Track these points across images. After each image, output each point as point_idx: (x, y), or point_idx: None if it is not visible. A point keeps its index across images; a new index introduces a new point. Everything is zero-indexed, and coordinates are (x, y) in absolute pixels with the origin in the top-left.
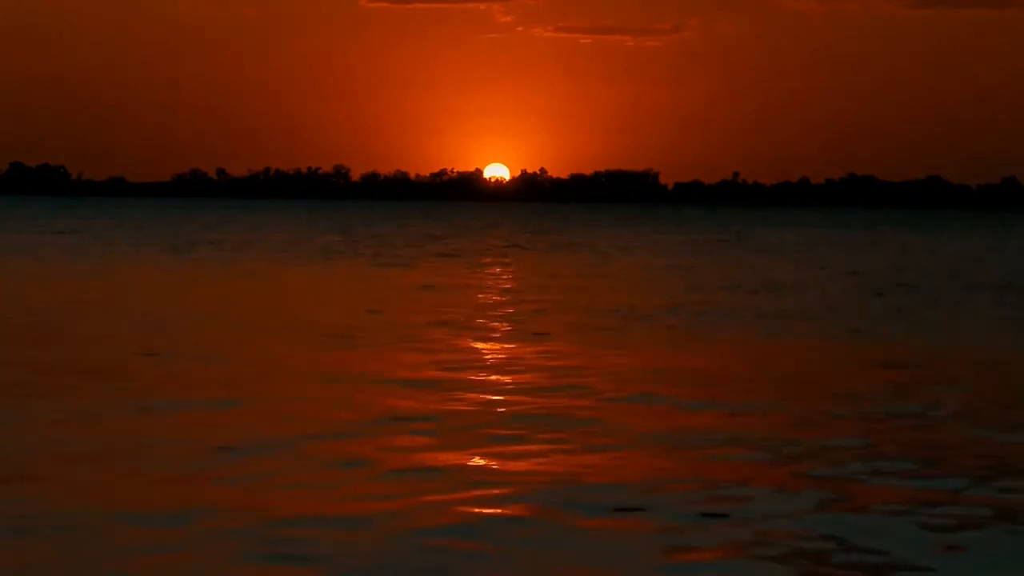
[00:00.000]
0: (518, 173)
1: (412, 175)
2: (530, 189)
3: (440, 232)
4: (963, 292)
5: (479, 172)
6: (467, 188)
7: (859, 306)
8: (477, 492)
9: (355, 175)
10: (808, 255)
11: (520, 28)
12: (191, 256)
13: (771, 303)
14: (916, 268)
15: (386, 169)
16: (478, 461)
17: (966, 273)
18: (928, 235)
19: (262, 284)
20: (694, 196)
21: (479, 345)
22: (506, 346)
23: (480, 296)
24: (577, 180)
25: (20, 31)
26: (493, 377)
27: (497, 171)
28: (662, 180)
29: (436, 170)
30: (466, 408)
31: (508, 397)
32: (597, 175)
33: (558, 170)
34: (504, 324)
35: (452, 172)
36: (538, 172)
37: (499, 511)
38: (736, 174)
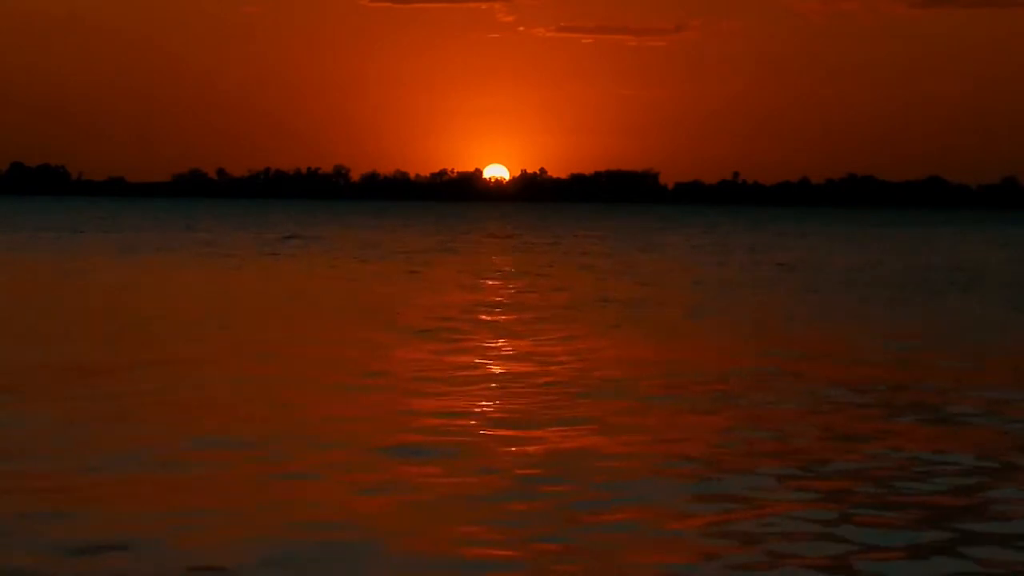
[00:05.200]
0: (518, 173)
1: (412, 175)
2: (530, 189)
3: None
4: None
5: (479, 172)
6: (467, 188)
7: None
8: None
9: (355, 175)
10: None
11: (522, 28)
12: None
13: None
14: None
15: (386, 169)
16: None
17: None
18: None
19: None
20: (694, 196)
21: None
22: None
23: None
24: (577, 180)
25: (20, 31)
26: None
27: (497, 171)
28: (662, 180)
29: (436, 170)
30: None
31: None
32: (597, 175)
33: (558, 170)
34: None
35: (452, 172)
36: (538, 172)
37: None
38: (736, 174)
